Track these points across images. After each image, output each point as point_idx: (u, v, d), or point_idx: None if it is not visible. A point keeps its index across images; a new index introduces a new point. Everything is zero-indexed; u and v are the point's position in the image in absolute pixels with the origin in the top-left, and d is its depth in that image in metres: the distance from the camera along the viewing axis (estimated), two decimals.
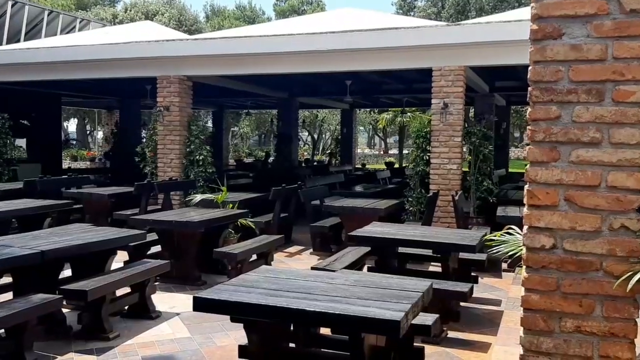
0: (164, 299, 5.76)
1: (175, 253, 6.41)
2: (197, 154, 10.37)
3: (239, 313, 3.13)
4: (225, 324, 4.76)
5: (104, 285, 4.57)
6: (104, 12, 34.60)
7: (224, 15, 42.96)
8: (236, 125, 37.97)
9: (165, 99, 10.44)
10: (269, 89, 14.98)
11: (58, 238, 4.85)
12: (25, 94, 14.41)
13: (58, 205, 8.11)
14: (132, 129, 18.10)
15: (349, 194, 10.28)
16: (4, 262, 4.06)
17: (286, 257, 8.11)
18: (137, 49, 10.46)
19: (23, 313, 3.86)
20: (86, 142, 39.29)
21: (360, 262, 5.51)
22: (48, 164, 14.93)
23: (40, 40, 14.20)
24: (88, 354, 4.33)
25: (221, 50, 9.89)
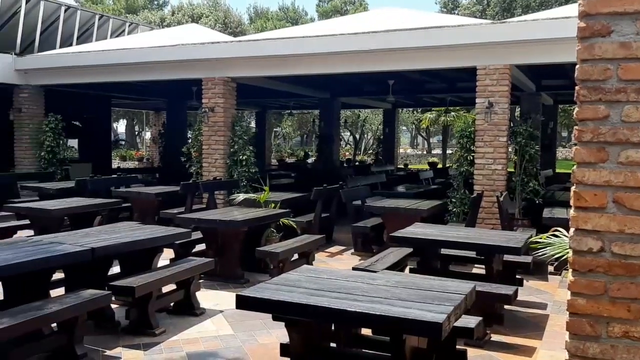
0: (208, 296, 5.87)
1: (219, 251, 6.52)
2: (240, 154, 10.51)
3: (280, 312, 3.17)
4: (268, 322, 4.82)
5: (150, 282, 4.70)
6: (152, 15, 35.45)
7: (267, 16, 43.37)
8: (278, 126, 38.28)
9: (210, 100, 10.63)
10: (311, 89, 15.06)
11: (108, 236, 5.01)
12: (77, 96, 14.93)
13: (108, 204, 8.38)
14: (179, 129, 18.51)
15: (391, 194, 10.22)
16: (56, 258, 4.22)
17: (327, 257, 8.14)
18: (183, 52, 10.70)
19: (74, 308, 4.00)
20: (134, 142, 40.34)
21: (402, 263, 5.49)
22: (98, 164, 15.42)
23: (91, 44, 14.68)
24: (135, 349, 4.45)
25: (264, 51, 10.01)
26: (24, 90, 12.78)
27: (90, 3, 36.57)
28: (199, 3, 38.46)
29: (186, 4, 37.80)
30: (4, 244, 4.67)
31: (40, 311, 3.79)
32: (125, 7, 38.38)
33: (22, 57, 12.77)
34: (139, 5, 39.55)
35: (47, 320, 3.93)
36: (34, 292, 4.23)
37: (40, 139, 12.65)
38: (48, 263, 4.18)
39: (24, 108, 12.78)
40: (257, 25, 39.07)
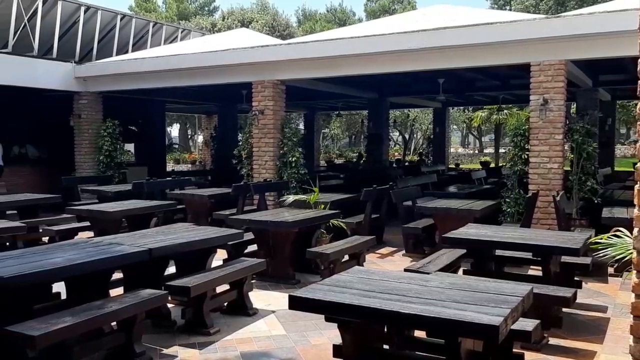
0: (260, 296, 5.94)
1: (270, 252, 6.60)
2: (290, 155, 10.59)
3: (332, 313, 3.17)
4: (320, 323, 4.83)
5: (205, 282, 4.80)
6: (203, 21, 36.22)
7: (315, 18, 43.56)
8: (327, 127, 38.38)
9: (260, 103, 10.77)
10: (359, 89, 15.03)
11: (164, 237, 5.15)
12: (133, 102, 15.43)
13: (163, 205, 8.61)
14: (230, 132, 18.85)
15: (443, 194, 10.07)
16: (116, 259, 4.37)
17: (378, 258, 8.10)
18: (234, 56, 10.88)
19: (133, 307, 4.13)
20: (187, 145, 41.29)
21: (455, 265, 5.40)
22: (154, 167, 15.87)
23: (145, 51, 15.14)
24: (191, 348, 4.55)
25: (313, 53, 10.06)
26: (83, 97, 13.30)
27: (144, 11, 37.70)
28: (249, 8, 39.05)
29: (236, 9, 38.43)
30: (66, 245, 4.87)
31: (101, 310, 3.93)
32: (178, 13, 39.37)
33: (81, 65, 13.30)
34: (191, 12, 40.50)
35: (108, 319, 4.07)
36: (95, 291, 4.38)
37: (99, 144, 13.13)
38: (108, 263, 4.32)
39: (84, 114, 13.31)
40: (306, 27, 39.30)
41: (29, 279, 3.74)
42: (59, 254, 4.31)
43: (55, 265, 3.96)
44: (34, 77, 12.37)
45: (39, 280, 3.91)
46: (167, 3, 42.03)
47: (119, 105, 14.20)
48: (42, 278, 3.91)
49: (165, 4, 42.47)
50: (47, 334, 3.44)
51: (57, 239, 7.49)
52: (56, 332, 3.50)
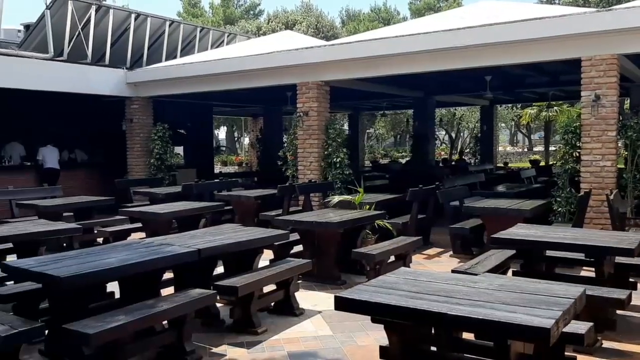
0: (307, 296, 5.98)
1: (316, 252, 6.63)
2: (334, 156, 10.61)
3: (379, 314, 3.17)
4: (366, 324, 4.82)
5: (252, 282, 4.87)
6: (248, 25, 36.71)
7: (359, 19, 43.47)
8: (371, 127, 38.22)
9: (305, 105, 10.84)
10: (404, 88, 14.91)
11: (212, 237, 5.25)
12: (182, 106, 15.79)
13: (211, 207, 8.78)
14: (275, 134, 19.05)
15: (491, 194, 9.88)
16: (167, 259, 4.48)
17: (424, 259, 8.02)
18: (278, 58, 10.99)
19: (183, 306, 4.23)
20: (234, 148, 41.92)
21: (505, 266, 5.29)
22: (202, 169, 16.20)
23: (193, 56, 15.45)
24: (239, 347, 4.63)
25: (357, 53, 10.04)
26: (134, 102, 13.72)
27: (191, 17, 38.51)
28: (293, 10, 39.34)
29: (280, 12, 38.78)
30: (120, 246, 5.03)
31: (153, 309, 4.04)
32: (224, 18, 40.04)
33: (132, 71, 13.71)
34: (237, 16, 41.11)
35: (159, 318, 4.18)
36: (147, 291, 4.51)
37: (150, 147, 13.53)
38: (159, 263, 4.44)
39: (135, 118, 13.73)
40: (350, 28, 39.27)
41: (85, 278, 3.88)
42: (113, 254, 4.46)
43: (110, 265, 4.10)
44: (88, 83, 12.85)
45: (94, 280, 4.06)
46: (214, 8, 42.80)
47: (168, 109, 14.58)
48: (97, 278, 4.06)
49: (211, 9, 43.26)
50: (102, 332, 3.56)
51: (111, 240, 7.74)
52: (111, 330, 3.62)
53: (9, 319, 3.89)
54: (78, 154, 15.30)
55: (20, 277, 4.56)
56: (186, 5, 42.46)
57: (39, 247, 5.95)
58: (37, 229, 6.06)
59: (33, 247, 5.89)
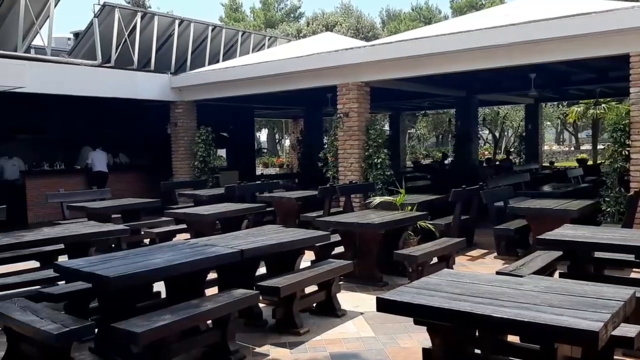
0: (348, 297, 5.98)
1: (357, 254, 6.62)
2: (375, 157, 10.58)
3: (421, 316, 3.14)
4: (408, 325, 4.79)
5: (294, 282, 4.90)
6: (289, 28, 36.98)
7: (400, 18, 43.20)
8: (413, 127, 37.90)
9: (345, 106, 10.84)
10: (446, 88, 14.74)
11: (254, 238, 5.31)
12: (224, 109, 16.04)
13: (253, 208, 8.88)
14: (315, 135, 19.11)
15: (536, 194, 9.66)
16: (211, 259, 4.56)
17: (468, 260, 7.90)
18: (318, 60, 11.03)
19: (227, 306, 4.29)
20: (275, 150, 42.28)
21: (551, 268, 5.17)
22: (244, 171, 16.42)
23: (235, 60, 15.69)
24: (282, 347, 4.67)
25: (397, 53, 9.98)
26: (178, 106, 14.03)
27: (233, 21, 39.06)
28: (333, 12, 39.41)
29: (320, 14, 38.91)
30: (166, 247, 5.15)
31: (198, 309, 4.12)
32: (265, 22, 40.45)
33: (176, 76, 14.02)
34: (277, 19, 41.47)
35: (204, 317, 4.26)
36: (192, 291, 4.60)
37: (194, 150, 13.80)
38: (204, 264, 4.52)
39: (179, 122, 14.04)
40: (390, 27, 39.07)
41: (132, 278, 3.98)
42: (159, 255, 4.57)
43: (156, 265, 4.20)
44: (134, 89, 13.21)
45: (142, 280, 4.17)
46: (255, 12, 43.29)
47: (211, 112, 14.84)
48: (144, 278, 4.16)
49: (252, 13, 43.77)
50: (150, 331, 3.65)
51: (157, 241, 7.93)
52: (157, 329, 3.70)
53: (61, 317, 4.03)
54: (131, 156, 15.78)
55: (71, 277, 4.72)
56: (228, 10, 43.10)
57: (88, 248, 6.15)
58: (87, 230, 6.26)
59: (83, 248, 6.09)
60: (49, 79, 11.39)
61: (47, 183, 12.89)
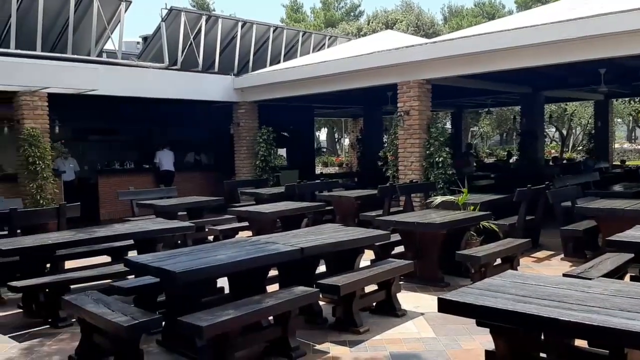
0: (408, 298, 5.93)
1: (418, 254, 6.55)
2: (436, 156, 10.43)
3: (485, 317, 3.09)
4: (470, 327, 4.70)
5: (354, 281, 4.91)
6: (349, 26, 36.95)
7: (462, 14, 42.35)
8: (475, 125, 37.07)
9: (405, 104, 10.74)
10: (510, 84, 14.35)
11: (314, 237, 5.36)
12: (285, 109, 16.25)
13: (313, 207, 8.97)
14: (375, 134, 19.03)
15: (607, 194, 9.25)
16: (272, 257, 4.65)
17: (533, 262, 7.67)
18: (378, 58, 10.98)
19: (288, 303, 4.36)
20: (334, 149, 42.41)
21: (621, 271, 4.95)
22: (304, 170, 16.56)
23: (295, 60, 15.86)
24: (342, 345, 4.69)
25: (459, 50, 9.80)
26: (241, 107, 14.33)
27: (294, 22, 39.45)
28: (393, 9, 39.11)
29: (380, 12, 38.69)
30: (229, 244, 5.29)
31: (259, 305, 4.20)
32: (325, 21, 40.62)
33: (239, 77, 14.32)
34: (337, 19, 41.55)
35: (265, 313, 4.34)
36: (253, 287, 4.70)
37: (255, 150, 14.07)
38: (265, 261, 4.62)
39: (242, 122, 14.34)
40: (452, 24, 38.38)
41: (197, 274, 4.12)
42: (222, 251, 4.69)
43: (220, 261, 4.32)
44: (199, 90, 13.61)
45: (206, 275, 4.30)
46: (315, 12, 43.57)
47: (272, 112, 15.07)
48: (208, 273, 4.29)
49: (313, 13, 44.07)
50: (214, 325, 3.76)
51: (220, 238, 8.15)
52: (221, 324, 3.81)
53: (131, 310, 4.22)
54: (196, 156, 16.31)
55: (140, 271, 4.91)
56: (289, 11, 43.59)
57: (156, 244, 6.40)
58: (155, 227, 6.51)
59: (151, 243, 6.35)
60: (120, 81, 11.90)
61: (117, 181, 13.48)
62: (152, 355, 4.48)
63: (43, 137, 10.48)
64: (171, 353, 4.57)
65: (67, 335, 5.09)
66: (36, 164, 10.20)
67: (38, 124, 10.52)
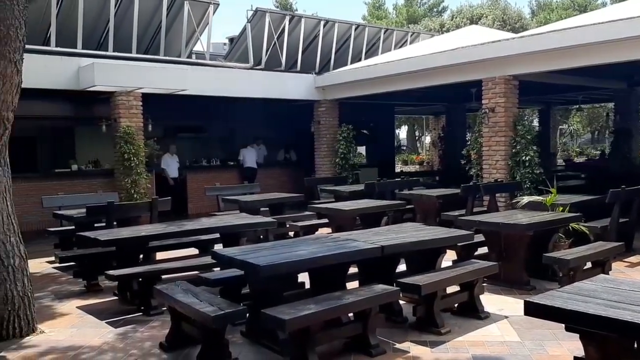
0: (492, 300, 5.79)
1: (502, 255, 6.37)
2: (523, 154, 10.09)
3: (574, 322, 2.97)
4: (557, 332, 4.54)
5: (435, 281, 4.86)
6: (432, 22, 36.33)
7: (551, 7, 40.46)
8: (565, 123, 35.36)
9: (491, 101, 10.45)
10: (603, 80, 13.56)
11: (395, 235, 5.35)
12: (365, 107, 16.27)
13: (393, 205, 8.93)
14: (458, 132, 18.63)
15: None
16: (352, 254, 4.68)
17: (626, 267, 7.24)
18: (462, 54, 10.75)
19: (368, 300, 4.38)
20: (415, 147, 41.87)
21: None
22: (383, 168, 16.50)
23: (376, 57, 15.81)
24: (422, 345, 4.64)
25: (548, 44, 9.40)
26: (322, 105, 14.49)
27: (376, 19, 39.29)
28: (478, 4, 38.02)
29: (465, 7, 37.75)
30: (309, 240, 5.39)
31: (340, 301, 4.25)
32: (407, 18, 40.13)
33: (320, 76, 14.48)
34: (420, 15, 40.93)
35: (346, 310, 4.38)
36: (334, 283, 4.76)
37: (335, 147, 14.18)
38: (345, 257, 4.66)
39: (322, 120, 14.50)
40: (540, 18, 36.74)
41: (280, 268, 4.23)
42: (303, 247, 4.80)
43: (301, 257, 4.42)
44: (282, 89, 13.90)
45: (288, 269, 4.40)
46: (397, 9, 43.15)
47: (352, 110, 15.13)
48: (290, 268, 4.39)
49: (395, 10, 43.68)
50: (296, 319, 3.84)
51: (300, 234, 8.29)
52: (303, 318, 3.89)
53: (217, 301, 4.40)
54: (279, 153, 16.78)
55: (226, 264, 5.10)
56: (371, 8, 43.42)
57: (240, 238, 6.62)
58: (240, 221, 6.73)
59: (236, 238, 6.57)
60: (207, 82, 12.38)
61: (204, 178, 14.03)
62: (236, 346, 4.64)
63: (137, 135, 11.11)
64: (254, 344, 4.72)
65: (158, 323, 5.39)
66: (131, 160, 10.83)
67: (133, 123, 11.16)
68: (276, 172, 15.66)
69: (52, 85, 10.53)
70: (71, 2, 11.54)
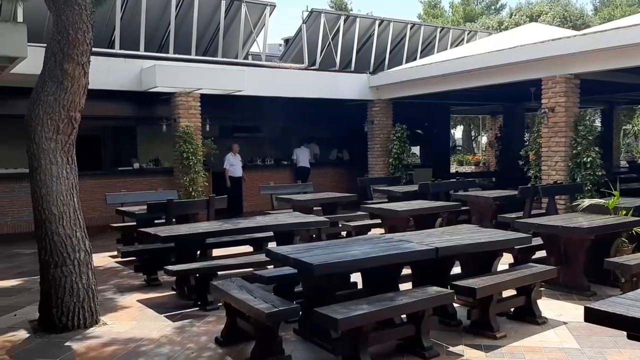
0: (550, 305, 5.64)
1: (561, 259, 6.19)
2: (584, 155, 9.75)
3: (637, 330, 2.86)
4: (619, 340, 4.38)
5: (491, 284, 4.77)
6: (489, 20, 35.53)
7: (615, 4, 38.81)
8: (629, 123, 33.83)
9: (550, 100, 10.16)
10: None
11: (449, 237, 5.29)
12: (420, 106, 16.10)
13: (448, 206, 8.81)
14: (515, 132, 18.17)
15: None
16: (406, 255, 4.66)
17: None
18: (520, 53, 10.48)
19: (421, 302, 4.34)
20: (471, 147, 41.08)
21: None
22: (438, 169, 16.30)
23: (432, 56, 15.63)
24: (477, 349, 4.57)
25: (612, 42, 9.04)
26: (375, 105, 14.45)
27: (432, 18, 38.80)
28: (538, 1, 36.91)
29: (524, 4, 36.74)
30: (362, 240, 5.40)
31: (393, 302, 4.24)
32: (464, 16, 39.42)
33: (374, 76, 14.44)
34: (477, 13, 40.13)
35: (399, 311, 4.37)
36: (387, 284, 4.75)
37: (389, 147, 14.11)
38: (399, 258, 4.64)
39: (376, 120, 14.46)
40: (603, 15, 35.31)
41: (332, 267, 4.25)
42: (356, 247, 4.81)
43: (354, 257, 4.43)
44: (337, 89, 13.95)
45: (341, 269, 4.42)
46: (454, 7, 42.46)
47: (406, 110, 15.02)
48: (343, 267, 4.41)
49: (452, 8, 42.99)
50: (349, 318, 3.86)
51: (353, 234, 8.31)
52: (356, 318, 3.91)
53: (271, 298, 4.47)
54: (332, 153, 16.87)
55: (280, 262, 5.17)
56: (427, 7, 42.90)
57: (293, 237, 6.70)
58: (293, 220, 6.82)
59: (289, 236, 6.67)
60: (263, 82, 12.57)
61: (259, 176, 14.27)
62: (289, 343, 4.71)
63: (196, 135, 11.42)
64: (306, 342, 4.77)
65: (214, 318, 5.53)
66: (189, 159, 11.14)
67: (192, 123, 11.47)
68: (329, 172, 15.75)
69: (115, 86, 10.95)
70: (134, 7, 11.98)
